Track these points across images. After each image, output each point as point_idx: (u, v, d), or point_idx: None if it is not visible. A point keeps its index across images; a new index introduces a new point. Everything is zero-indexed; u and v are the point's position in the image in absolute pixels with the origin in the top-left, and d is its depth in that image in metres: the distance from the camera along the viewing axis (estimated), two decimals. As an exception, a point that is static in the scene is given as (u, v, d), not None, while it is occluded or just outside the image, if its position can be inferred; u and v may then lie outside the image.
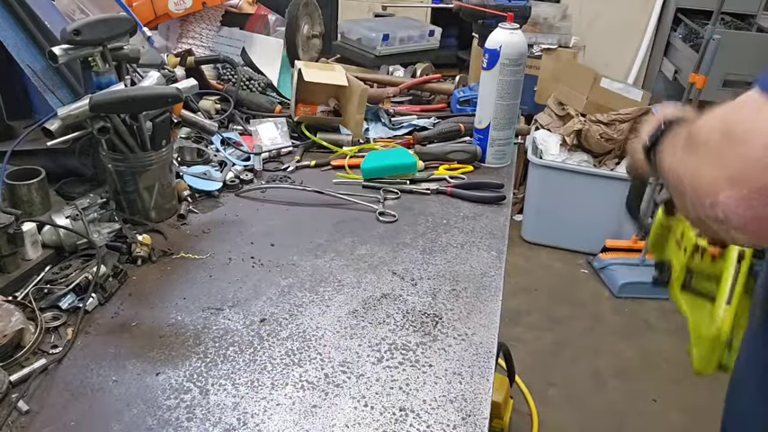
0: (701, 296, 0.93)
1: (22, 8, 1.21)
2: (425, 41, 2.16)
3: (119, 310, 1.00)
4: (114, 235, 1.14)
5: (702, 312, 0.92)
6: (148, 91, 1.21)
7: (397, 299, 1.05)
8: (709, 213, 0.60)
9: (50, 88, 1.23)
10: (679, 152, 0.65)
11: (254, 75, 1.85)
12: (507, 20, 1.50)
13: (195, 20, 1.97)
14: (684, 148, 0.64)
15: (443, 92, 1.89)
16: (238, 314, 1.00)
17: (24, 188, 1.14)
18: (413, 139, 1.61)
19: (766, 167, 0.54)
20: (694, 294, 0.94)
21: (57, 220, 1.09)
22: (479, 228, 1.28)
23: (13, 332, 0.88)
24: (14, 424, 0.79)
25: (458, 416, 0.82)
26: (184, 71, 1.66)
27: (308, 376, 0.88)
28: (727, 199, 0.57)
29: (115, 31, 1.23)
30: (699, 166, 0.61)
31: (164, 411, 0.81)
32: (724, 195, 0.57)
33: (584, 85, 3.24)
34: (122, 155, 1.18)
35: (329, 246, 1.20)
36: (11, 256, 1.02)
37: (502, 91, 1.46)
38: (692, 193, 0.62)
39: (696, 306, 0.93)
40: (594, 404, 2.48)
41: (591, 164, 3.29)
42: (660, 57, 3.72)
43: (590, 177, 3.21)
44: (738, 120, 0.58)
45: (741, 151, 0.56)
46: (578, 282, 3.21)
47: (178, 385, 0.86)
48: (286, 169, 1.47)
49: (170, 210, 1.27)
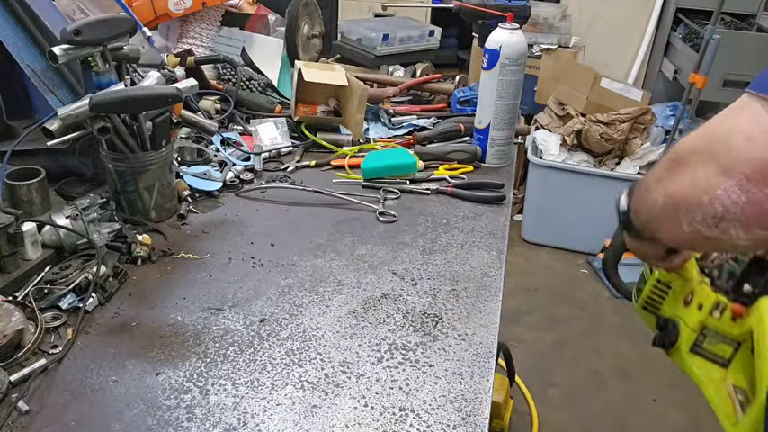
0: (711, 360, 0.85)
1: (22, 8, 1.21)
2: (425, 41, 2.16)
3: (119, 310, 1.00)
4: (114, 235, 1.14)
5: (714, 378, 0.83)
6: (148, 91, 1.21)
7: (397, 299, 1.05)
8: (708, 212, 0.60)
9: (50, 88, 1.23)
10: (664, 174, 0.67)
11: (254, 75, 1.85)
12: (507, 20, 1.50)
13: (195, 20, 1.97)
14: (670, 171, 0.66)
15: (443, 92, 1.89)
16: (238, 314, 1.00)
17: (24, 188, 1.14)
18: (413, 139, 1.61)
19: (752, 154, 0.57)
20: (705, 358, 0.85)
21: (57, 220, 1.09)
22: (479, 228, 1.28)
23: (13, 332, 0.88)
24: (14, 424, 0.79)
25: (458, 416, 0.82)
26: (184, 71, 1.66)
27: (308, 376, 0.88)
28: (723, 190, 0.59)
29: (115, 31, 1.23)
30: (691, 172, 0.62)
31: (164, 411, 0.81)
32: (720, 188, 0.59)
33: (584, 85, 3.24)
34: (122, 155, 1.18)
35: (329, 246, 1.20)
36: (11, 256, 1.02)
37: (502, 91, 1.46)
38: (686, 201, 0.63)
39: (710, 370, 0.85)
40: (594, 404, 2.47)
41: (591, 164, 3.29)
42: (660, 57, 3.72)
43: (590, 177, 3.21)
44: (721, 120, 0.62)
45: (728, 144, 0.59)
46: (578, 282, 3.21)
47: (178, 385, 0.86)
48: (286, 169, 1.47)
49: (170, 210, 1.27)
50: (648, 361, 2.69)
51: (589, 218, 3.24)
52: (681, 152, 0.65)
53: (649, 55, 3.75)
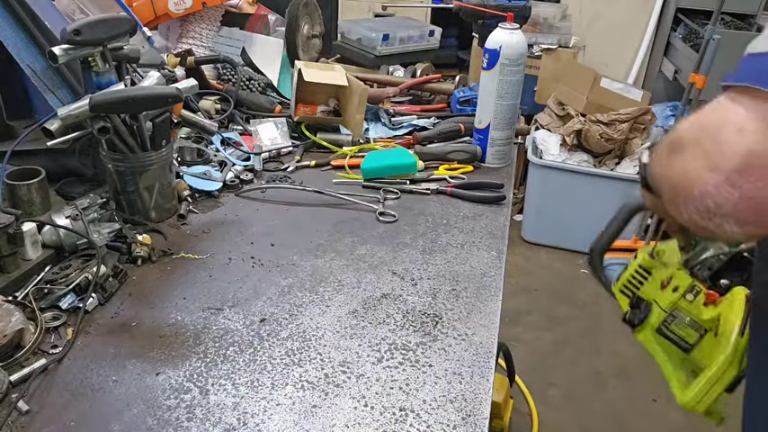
0: (675, 343, 0.88)
1: (22, 8, 1.21)
2: (425, 41, 2.16)
3: (119, 310, 1.00)
4: (114, 235, 1.14)
5: (675, 360, 0.87)
6: (148, 91, 1.21)
7: (397, 299, 1.05)
8: (700, 206, 0.60)
9: (50, 88, 1.23)
10: (664, 158, 0.67)
11: (254, 75, 1.85)
12: (507, 20, 1.50)
13: (195, 20, 1.97)
14: (668, 153, 0.66)
15: (443, 92, 1.89)
16: (238, 314, 1.00)
17: (24, 188, 1.14)
18: (413, 139, 1.61)
19: (742, 149, 0.56)
20: (670, 340, 0.88)
21: (57, 220, 1.09)
22: (479, 228, 1.28)
23: (13, 332, 0.88)
24: (14, 424, 0.79)
25: (458, 416, 0.82)
26: (184, 71, 1.66)
27: (308, 376, 0.88)
28: (713, 186, 0.58)
29: (115, 31, 1.23)
30: (683, 162, 0.62)
31: (164, 411, 0.81)
32: (709, 184, 0.58)
33: (584, 85, 3.24)
34: (122, 155, 1.18)
35: (329, 246, 1.20)
36: (11, 256, 1.02)
37: (502, 91, 1.46)
38: (682, 190, 0.62)
39: (672, 354, 0.88)
40: (594, 404, 2.47)
41: (591, 164, 3.29)
42: (660, 57, 3.72)
43: (590, 177, 3.21)
44: (711, 111, 0.61)
45: (717, 138, 0.58)
46: (578, 282, 3.21)
47: (178, 385, 0.86)
48: (286, 169, 1.47)
49: (170, 210, 1.27)
50: (648, 361, 2.67)
51: (589, 218, 3.21)
52: (676, 137, 0.65)
53: (649, 55, 3.75)
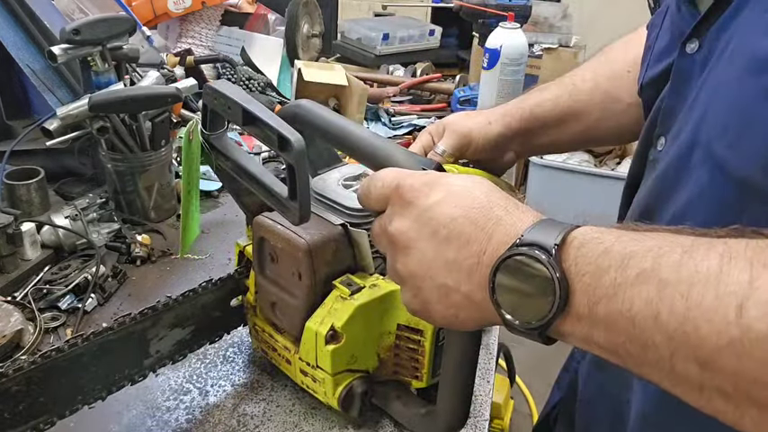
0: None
1: (22, 8, 1.20)
2: (425, 41, 2.15)
3: (118, 310, 1.00)
4: (113, 235, 1.13)
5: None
6: (148, 91, 1.21)
7: (398, 299, 1.05)
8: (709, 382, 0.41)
9: (50, 88, 1.23)
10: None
11: (254, 74, 1.84)
12: (508, 19, 1.50)
13: (195, 19, 1.96)
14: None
15: (443, 91, 1.89)
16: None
17: (23, 188, 1.14)
18: (413, 138, 1.60)
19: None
20: None
21: (56, 220, 1.08)
22: (480, 228, 1.27)
23: (12, 333, 0.87)
24: (13, 425, 0.78)
25: (458, 417, 0.82)
26: (184, 71, 1.66)
27: (307, 377, 0.87)
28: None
29: (114, 30, 1.23)
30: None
31: (163, 412, 0.81)
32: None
33: (585, 84, 3.24)
34: (122, 155, 1.17)
35: (329, 246, 1.19)
36: (10, 257, 1.01)
37: (502, 91, 1.45)
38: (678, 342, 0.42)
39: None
40: (595, 404, 2.47)
41: (591, 164, 3.28)
42: (660, 56, 3.72)
43: (590, 177, 3.21)
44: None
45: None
46: (579, 282, 3.20)
47: (177, 386, 0.85)
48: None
49: (169, 210, 1.27)
50: (649, 361, 2.69)
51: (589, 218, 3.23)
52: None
53: (650, 55, 3.75)
